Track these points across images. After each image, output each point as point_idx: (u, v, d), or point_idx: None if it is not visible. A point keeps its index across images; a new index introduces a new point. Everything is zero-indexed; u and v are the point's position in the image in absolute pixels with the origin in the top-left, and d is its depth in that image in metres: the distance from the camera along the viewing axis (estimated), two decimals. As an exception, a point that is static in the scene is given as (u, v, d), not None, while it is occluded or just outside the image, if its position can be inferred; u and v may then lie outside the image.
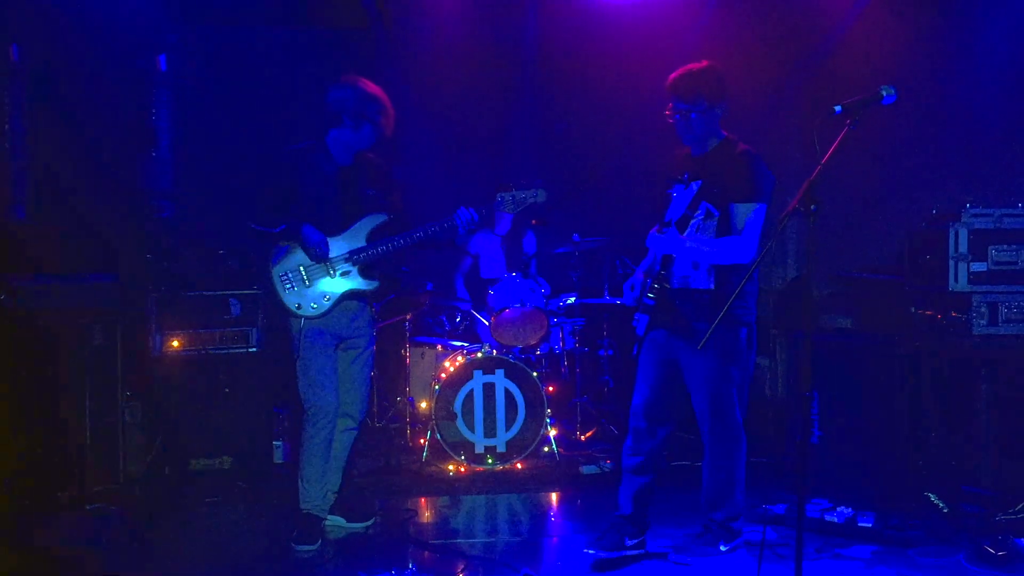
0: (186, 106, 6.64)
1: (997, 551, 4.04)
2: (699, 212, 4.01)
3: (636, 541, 4.22)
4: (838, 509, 4.55)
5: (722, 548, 4.15)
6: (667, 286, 4.06)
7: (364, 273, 4.50)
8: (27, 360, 4.91)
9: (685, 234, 4.01)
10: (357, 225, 4.50)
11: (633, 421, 4.25)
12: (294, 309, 4.41)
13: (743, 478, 4.18)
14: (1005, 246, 4.68)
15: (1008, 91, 5.36)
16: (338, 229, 4.46)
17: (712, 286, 4.01)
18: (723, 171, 4.03)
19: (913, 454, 4.82)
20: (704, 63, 4.09)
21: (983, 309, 4.68)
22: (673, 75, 4.09)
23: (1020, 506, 4.45)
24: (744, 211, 3.98)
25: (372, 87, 4.47)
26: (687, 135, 4.12)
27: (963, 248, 4.68)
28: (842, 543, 4.32)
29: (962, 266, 4.68)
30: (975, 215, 4.70)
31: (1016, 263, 4.68)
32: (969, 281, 4.68)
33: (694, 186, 4.07)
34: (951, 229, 4.69)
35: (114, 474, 5.19)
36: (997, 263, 4.68)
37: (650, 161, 4.48)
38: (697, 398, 4.12)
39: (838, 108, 3.22)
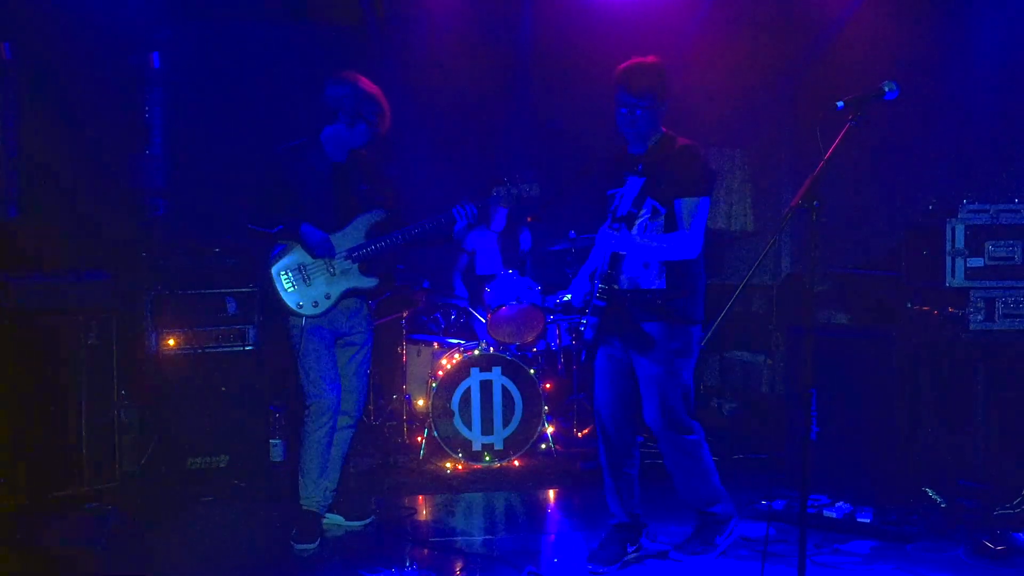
0: (179, 103, 6.59)
1: (996, 545, 4.06)
2: (645, 210, 3.94)
3: (635, 547, 4.18)
4: (837, 505, 4.56)
5: (717, 545, 4.14)
6: (615, 287, 3.97)
7: (364, 270, 4.49)
8: (21, 359, 4.88)
9: (633, 232, 3.94)
10: (355, 222, 4.49)
11: (599, 427, 4.20)
12: (295, 308, 4.39)
13: (713, 467, 4.12)
14: (1002, 242, 4.69)
15: (1004, 86, 5.38)
16: (336, 226, 4.45)
17: (663, 286, 3.95)
18: (666, 167, 3.94)
19: (911, 450, 4.84)
20: (652, 58, 4.00)
21: (980, 304, 4.69)
22: (622, 67, 3.98)
23: (1018, 500, 4.47)
24: (690, 206, 3.91)
25: (370, 86, 4.45)
26: (630, 130, 4.00)
27: (960, 244, 4.69)
28: (841, 539, 4.34)
29: (959, 262, 4.69)
30: (972, 211, 4.71)
31: (1013, 259, 4.69)
32: (966, 277, 4.69)
33: (637, 183, 4.00)
34: (948, 225, 4.70)
35: (110, 473, 5.16)
36: (994, 259, 4.69)
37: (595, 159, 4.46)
38: (647, 401, 4.03)
39: (840, 104, 3.22)
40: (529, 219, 6.63)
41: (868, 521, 4.42)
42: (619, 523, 4.19)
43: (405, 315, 6.38)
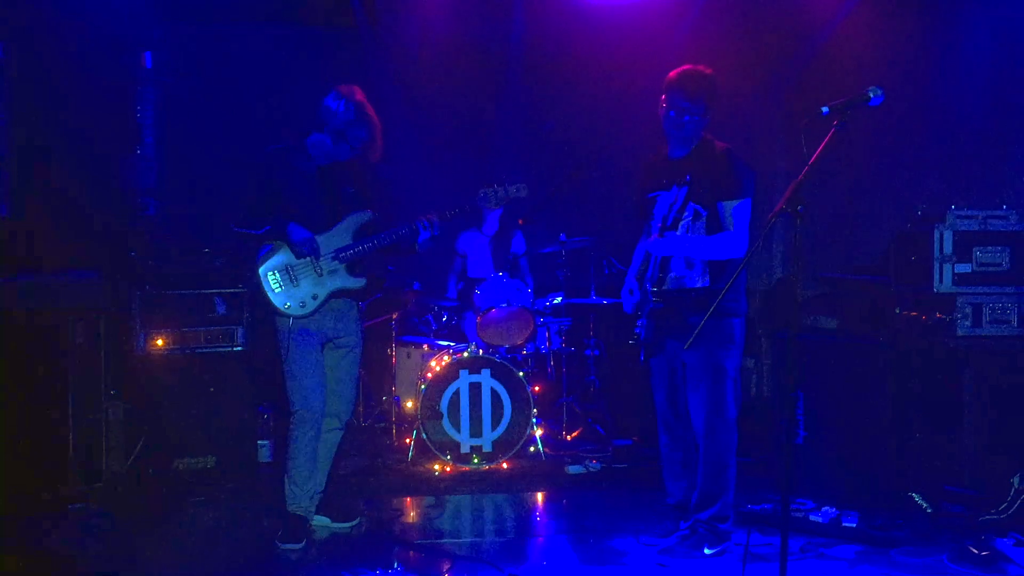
0: (171, 103, 6.60)
1: (980, 551, 4.06)
2: (687, 213, 4.11)
3: (689, 522, 4.30)
4: (822, 509, 4.55)
5: (706, 551, 4.16)
6: (665, 288, 4.17)
7: (351, 271, 4.49)
8: (8, 359, 4.87)
9: (666, 234, 4.11)
10: (342, 223, 4.49)
11: (661, 423, 4.41)
12: (283, 308, 4.39)
13: (734, 478, 4.24)
14: (990, 247, 4.71)
15: (992, 92, 5.39)
16: (323, 227, 4.45)
17: (708, 283, 4.12)
18: (707, 171, 4.12)
19: (897, 454, 4.83)
20: (708, 69, 4.15)
21: (967, 310, 4.70)
22: (680, 71, 4.13)
23: (1003, 506, 4.47)
24: (732, 208, 4.09)
25: (365, 110, 4.39)
26: (677, 133, 4.17)
27: (948, 249, 4.70)
28: (826, 543, 4.33)
29: (947, 267, 4.70)
30: (960, 216, 4.72)
31: (1000, 264, 4.71)
32: (954, 282, 4.70)
33: (679, 188, 4.14)
34: (936, 230, 4.71)
35: (97, 474, 5.16)
36: (982, 264, 4.71)
37: (637, 161, 4.51)
38: (693, 394, 4.20)
39: (825, 109, 3.23)
40: (520, 222, 6.64)
41: (854, 525, 4.42)
42: (676, 503, 4.41)
43: (395, 317, 6.38)
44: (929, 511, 4.61)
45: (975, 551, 4.06)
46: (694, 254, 4.12)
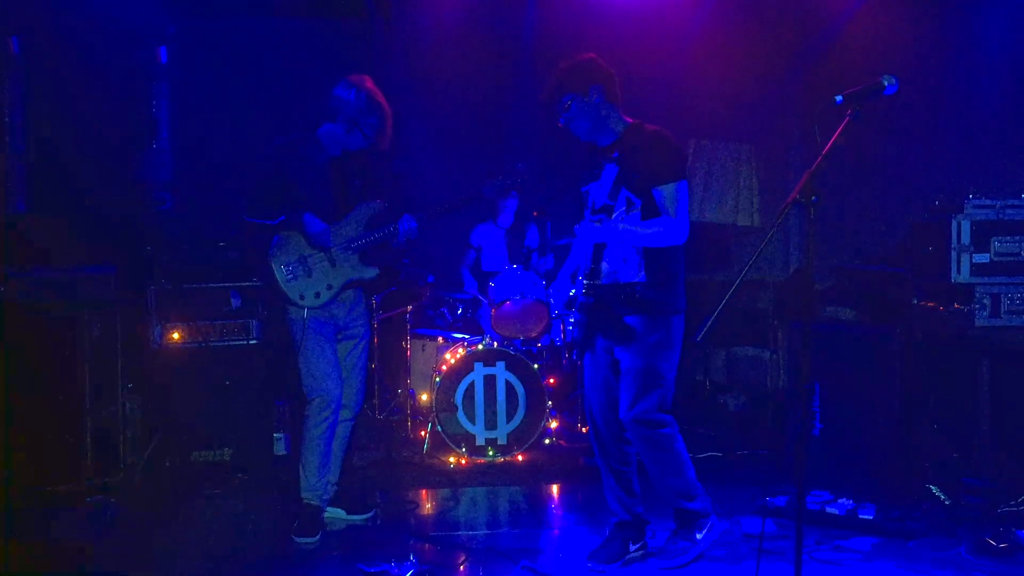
0: (186, 98, 6.62)
1: (998, 543, 4.03)
2: (620, 202, 3.90)
3: (638, 545, 4.12)
4: (839, 501, 4.54)
5: (697, 537, 4.05)
6: (598, 282, 3.96)
7: (364, 261, 4.51)
8: (25, 352, 4.90)
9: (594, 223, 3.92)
10: (354, 213, 4.51)
11: (591, 425, 4.19)
12: (297, 300, 4.40)
13: (688, 461, 4.04)
14: (1008, 237, 4.65)
15: (1010, 80, 5.34)
16: (335, 218, 4.47)
17: (644, 279, 3.89)
18: (637, 156, 3.90)
19: (914, 446, 4.80)
20: (568, 61, 4.01)
21: (985, 301, 4.65)
22: (542, 92, 4.04)
23: (1021, 498, 4.44)
24: (669, 192, 3.86)
25: (376, 97, 4.40)
26: (579, 131, 4.02)
27: (965, 239, 4.65)
28: (842, 535, 4.32)
29: (964, 257, 4.65)
30: (977, 206, 4.67)
31: (1019, 254, 4.65)
32: (971, 273, 4.65)
33: (609, 175, 3.97)
34: (953, 220, 4.66)
35: (114, 467, 5.18)
36: (1000, 254, 4.65)
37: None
38: (623, 393, 3.97)
39: (839, 98, 3.18)
40: (535, 214, 6.62)
41: (870, 518, 4.40)
42: (620, 521, 4.15)
43: (409, 309, 6.38)
44: (947, 503, 4.57)
45: (993, 543, 4.04)
46: (630, 240, 3.86)
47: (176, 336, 5.58)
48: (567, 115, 3.99)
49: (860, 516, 4.42)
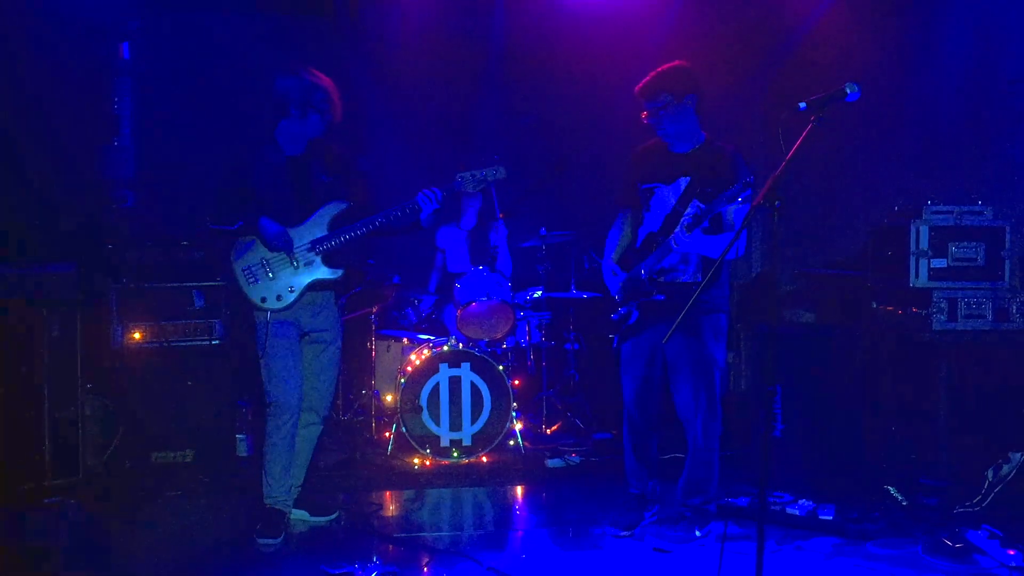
0: (149, 94, 6.54)
1: (954, 543, 4.10)
2: (690, 209, 4.15)
3: (652, 513, 4.49)
4: (799, 502, 4.59)
5: (697, 533, 4.28)
6: (662, 280, 4.30)
7: (328, 262, 4.46)
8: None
9: (677, 230, 4.15)
10: (317, 214, 4.45)
11: (626, 410, 4.49)
12: (259, 303, 4.36)
13: (719, 463, 4.40)
14: (965, 243, 4.76)
15: (969, 87, 5.43)
16: (297, 219, 4.42)
17: (700, 279, 4.25)
18: (712, 171, 4.19)
19: (874, 448, 4.88)
20: (673, 63, 4.30)
21: (943, 305, 4.75)
22: (641, 82, 4.29)
23: (978, 499, 4.52)
24: (735, 209, 4.18)
25: (317, 75, 4.42)
26: (662, 130, 4.32)
27: (924, 244, 4.75)
28: (803, 535, 4.37)
29: (923, 262, 4.75)
30: (936, 212, 4.78)
31: (976, 260, 4.77)
32: (929, 277, 4.75)
33: (681, 183, 4.26)
34: (912, 226, 4.76)
35: (73, 468, 5.12)
36: (957, 259, 4.77)
37: (617, 155, 4.54)
38: (684, 385, 4.29)
39: (802, 105, 3.24)
40: (501, 215, 6.64)
41: (830, 518, 4.45)
42: (639, 493, 4.51)
43: (375, 310, 6.36)
44: (904, 504, 4.65)
45: (949, 543, 4.11)
46: (711, 252, 4.21)
47: (137, 336, 5.52)
48: (661, 112, 4.26)
49: (820, 517, 4.47)
